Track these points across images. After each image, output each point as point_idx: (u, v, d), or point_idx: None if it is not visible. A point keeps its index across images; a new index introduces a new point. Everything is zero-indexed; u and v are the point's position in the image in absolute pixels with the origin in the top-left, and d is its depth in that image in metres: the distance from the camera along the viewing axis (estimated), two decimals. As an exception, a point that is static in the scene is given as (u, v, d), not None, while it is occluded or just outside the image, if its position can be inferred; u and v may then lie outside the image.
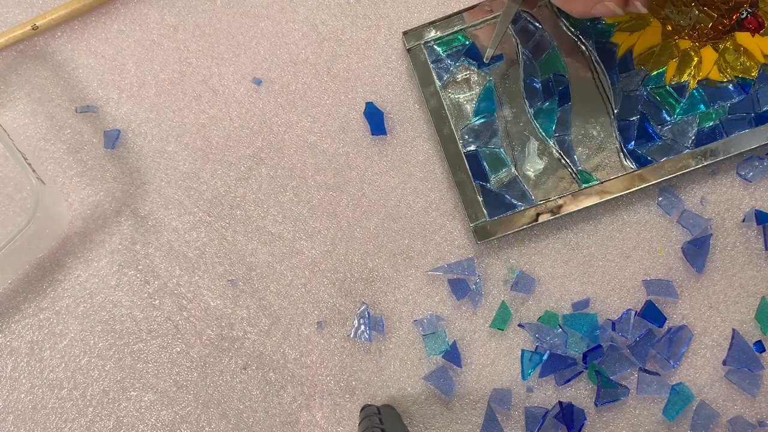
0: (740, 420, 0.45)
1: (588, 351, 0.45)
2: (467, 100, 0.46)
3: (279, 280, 0.47)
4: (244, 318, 0.47)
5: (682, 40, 0.45)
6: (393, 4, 0.49)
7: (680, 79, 0.45)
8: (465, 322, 0.47)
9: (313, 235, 0.48)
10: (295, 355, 0.47)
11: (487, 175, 0.46)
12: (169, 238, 0.48)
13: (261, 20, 0.49)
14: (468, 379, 0.46)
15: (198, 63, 0.49)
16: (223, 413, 0.47)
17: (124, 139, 0.49)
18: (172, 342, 0.47)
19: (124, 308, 0.47)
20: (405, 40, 0.47)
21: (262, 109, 0.49)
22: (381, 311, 0.47)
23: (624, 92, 0.45)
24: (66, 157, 0.48)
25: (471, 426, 0.46)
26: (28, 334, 0.47)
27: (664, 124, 0.45)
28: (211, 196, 0.48)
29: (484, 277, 0.47)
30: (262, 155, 0.48)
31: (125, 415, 0.47)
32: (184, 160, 0.48)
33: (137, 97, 0.49)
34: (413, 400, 0.46)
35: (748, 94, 0.45)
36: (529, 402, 0.46)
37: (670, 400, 0.45)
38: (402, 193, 0.48)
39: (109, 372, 0.47)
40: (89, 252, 0.48)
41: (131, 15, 0.49)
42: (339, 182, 0.48)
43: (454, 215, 0.47)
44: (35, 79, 0.49)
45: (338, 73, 0.49)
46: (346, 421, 0.46)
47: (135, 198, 0.48)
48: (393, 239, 0.47)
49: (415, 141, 0.48)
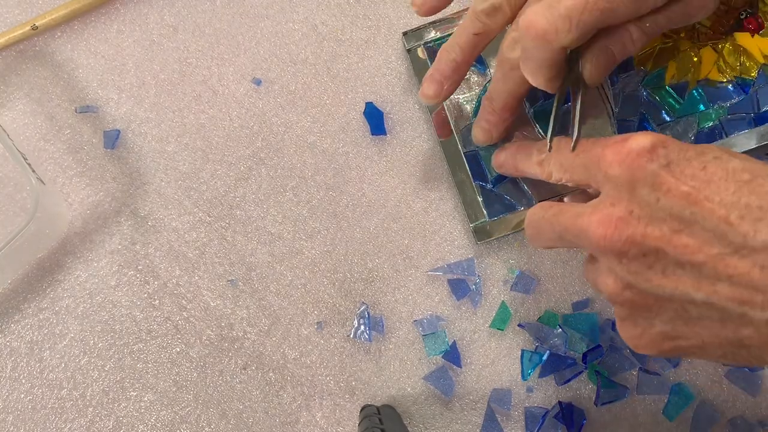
0: (740, 420, 0.45)
1: (588, 351, 0.45)
2: (467, 100, 0.46)
3: (279, 280, 0.47)
4: (244, 318, 0.47)
5: (681, 40, 0.45)
6: (393, 4, 0.49)
7: (680, 79, 0.45)
8: (465, 322, 0.47)
9: (313, 235, 0.48)
10: (295, 355, 0.47)
11: (487, 176, 0.46)
12: (168, 238, 0.48)
13: (261, 20, 0.49)
14: (468, 379, 0.46)
15: (198, 63, 0.49)
16: (222, 413, 0.47)
17: (124, 139, 0.49)
18: (171, 342, 0.47)
19: (124, 308, 0.47)
20: (405, 41, 0.47)
21: (261, 109, 0.49)
22: (381, 311, 0.47)
23: (624, 92, 0.45)
24: (66, 157, 0.48)
25: (471, 426, 0.46)
26: (27, 334, 0.47)
27: (663, 125, 0.45)
28: (211, 196, 0.48)
29: (483, 277, 0.47)
30: (261, 155, 0.48)
31: (125, 415, 0.47)
32: (184, 160, 0.48)
33: (137, 97, 0.49)
34: (413, 400, 0.46)
35: (748, 94, 0.45)
36: (529, 402, 0.46)
37: (670, 400, 0.45)
38: (402, 193, 0.48)
39: (108, 372, 0.47)
40: (89, 252, 0.48)
41: (131, 15, 0.49)
42: (339, 182, 0.48)
43: (454, 215, 0.47)
44: (35, 79, 0.49)
45: (338, 73, 0.49)
46: (346, 421, 0.46)
47: (135, 198, 0.48)
48: (393, 239, 0.47)
49: (415, 141, 0.48)
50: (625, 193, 0.32)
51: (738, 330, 0.30)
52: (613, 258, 0.32)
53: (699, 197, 0.30)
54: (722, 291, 0.30)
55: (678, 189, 0.30)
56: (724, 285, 0.29)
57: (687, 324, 0.32)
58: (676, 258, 0.30)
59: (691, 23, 0.40)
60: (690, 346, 0.32)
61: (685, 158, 0.31)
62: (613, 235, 0.31)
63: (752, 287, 0.29)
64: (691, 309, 0.31)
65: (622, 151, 0.32)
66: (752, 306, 0.29)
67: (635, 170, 0.31)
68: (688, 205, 0.30)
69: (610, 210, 0.32)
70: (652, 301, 0.32)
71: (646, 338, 0.33)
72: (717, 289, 0.30)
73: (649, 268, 0.31)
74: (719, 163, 0.31)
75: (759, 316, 0.29)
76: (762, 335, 0.29)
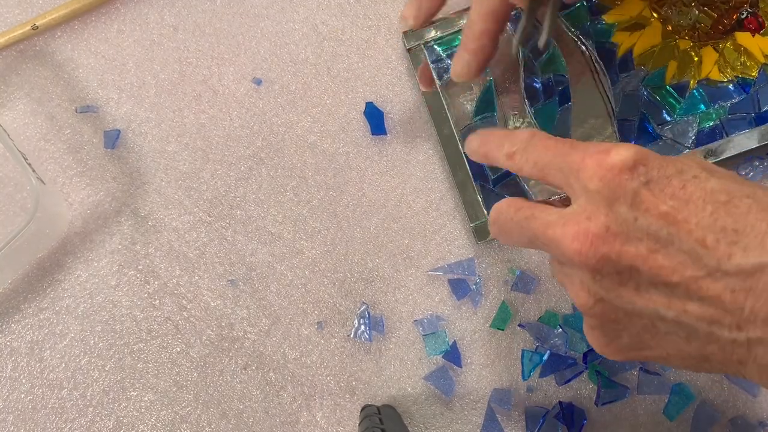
0: (740, 420, 0.45)
1: (588, 351, 0.45)
2: (467, 100, 0.46)
3: (279, 280, 0.47)
4: (244, 318, 0.47)
5: (682, 40, 0.45)
6: (393, 4, 0.49)
7: (680, 79, 0.45)
8: (465, 322, 0.47)
9: (313, 235, 0.48)
10: (295, 355, 0.47)
11: (487, 175, 0.46)
12: (169, 238, 0.48)
13: (261, 20, 0.49)
14: (468, 379, 0.46)
15: (198, 63, 0.49)
16: (223, 413, 0.47)
17: (124, 139, 0.49)
18: (172, 342, 0.47)
19: (124, 308, 0.47)
20: (405, 40, 0.47)
21: (262, 109, 0.49)
22: (381, 311, 0.47)
23: (624, 92, 0.45)
24: (66, 157, 0.48)
25: (471, 426, 0.46)
26: (28, 334, 0.47)
27: (664, 124, 0.45)
28: (211, 196, 0.48)
29: (484, 277, 0.47)
30: (262, 155, 0.48)
31: (125, 415, 0.47)
32: (184, 160, 0.48)
33: (137, 97, 0.49)
34: (413, 400, 0.46)
35: (748, 94, 0.45)
36: (529, 402, 0.46)
37: (670, 400, 0.45)
38: (402, 193, 0.48)
39: (109, 372, 0.47)
40: (89, 252, 0.48)
41: (131, 15, 0.49)
42: (339, 182, 0.48)
43: (454, 215, 0.47)
44: (35, 79, 0.49)
45: (338, 73, 0.49)
46: (346, 421, 0.46)
47: (135, 198, 0.48)
48: (393, 239, 0.47)
49: (415, 141, 0.48)
50: (603, 208, 0.31)
51: (703, 347, 0.31)
52: (586, 273, 0.32)
53: (677, 218, 0.30)
54: (693, 310, 0.30)
55: (657, 209, 0.30)
56: (695, 305, 0.30)
57: (654, 338, 0.32)
58: (651, 278, 0.30)
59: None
60: (655, 356, 0.33)
61: (665, 176, 0.31)
62: (588, 251, 0.31)
63: (722, 309, 0.29)
64: (660, 325, 0.31)
65: (603, 164, 0.31)
66: (720, 326, 0.29)
67: (615, 187, 0.31)
68: (666, 225, 0.30)
69: (586, 224, 0.31)
70: (623, 315, 0.32)
71: (613, 347, 0.34)
72: (687, 309, 0.30)
73: (622, 285, 0.31)
74: (698, 182, 0.30)
75: (726, 336, 0.29)
76: (725, 352, 0.30)
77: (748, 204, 0.29)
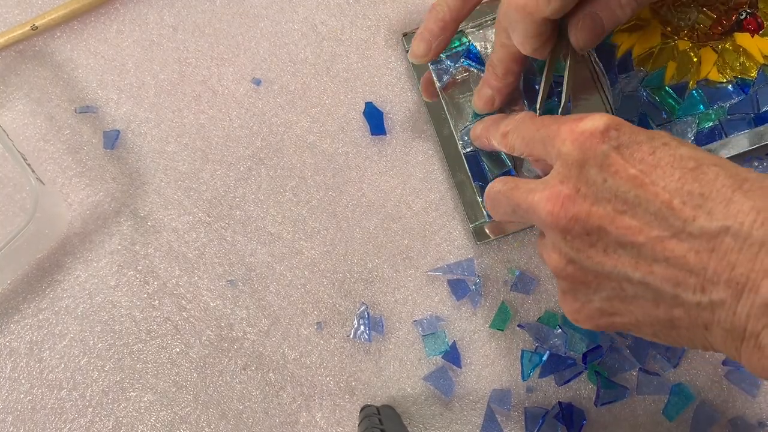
0: (740, 420, 0.45)
1: (588, 351, 0.45)
2: (467, 101, 0.46)
3: (278, 280, 0.47)
4: (244, 318, 0.47)
5: (681, 40, 0.45)
6: (393, 4, 0.49)
7: (679, 79, 0.45)
8: (465, 322, 0.47)
9: (312, 235, 0.48)
10: (294, 356, 0.47)
11: (486, 176, 0.46)
12: (168, 238, 0.48)
13: (260, 20, 0.49)
14: (468, 380, 0.46)
15: (197, 63, 0.49)
16: (222, 414, 0.47)
17: (124, 139, 0.48)
18: (171, 342, 0.47)
19: (124, 309, 0.47)
20: (405, 41, 0.47)
21: (261, 109, 0.49)
22: (381, 311, 0.47)
23: (623, 93, 0.45)
24: (65, 158, 0.48)
25: (471, 426, 0.46)
26: (27, 334, 0.47)
27: (663, 125, 0.45)
28: (211, 196, 0.48)
29: (483, 278, 0.47)
30: (261, 155, 0.48)
31: (125, 416, 0.47)
32: (184, 160, 0.48)
33: (137, 97, 0.49)
34: (413, 401, 0.46)
35: (748, 94, 0.45)
36: (528, 402, 0.46)
37: (670, 400, 0.45)
38: (402, 194, 0.48)
39: (108, 372, 0.47)
40: (89, 252, 0.48)
41: (130, 15, 0.49)
42: (338, 182, 0.48)
43: (454, 216, 0.47)
44: (34, 79, 0.49)
45: (338, 73, 0.49)
46: (345, 421, 0.46)
47: (134, 198, 0.48)
48: (393, 239, 0.47)
49: (414, 141, 0.48)
50: (575, 171, 0.32)
51: (670, 311, 0.31)
52: (558, 234, 0.33)
53: (645, 181, 0.31)
54: (658, 272, 0.31)
55: (626, 171, 0.31)
56: (660, 266, 0.31)
57: (623, 302, 0.33)
58: (618, 238, 0.31)
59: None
60: (624, 323, 0.34)
61: (635, 141, 0.32)
62: (559, 212, 0.32)
63: (687, 270, 0.30)
64: (627, 287, 0.32)
65: (575, 129, 0.33)
66: (685, 288, 0.30)
67: (586, 150, 0.32)
68: (634, 188, 0.31)
69: (559, 188, 0.33)
70: (592, 277, 0.33)
71: (584, 312, 0.35)
72: (653, 270, 0.31)
73: (591, 246, 0.32)
74: (667, 149, 0.31)
75: (690, 298, 0.30)
76: (691, 317, 0.31)
77: (715, 171, 0.30)
